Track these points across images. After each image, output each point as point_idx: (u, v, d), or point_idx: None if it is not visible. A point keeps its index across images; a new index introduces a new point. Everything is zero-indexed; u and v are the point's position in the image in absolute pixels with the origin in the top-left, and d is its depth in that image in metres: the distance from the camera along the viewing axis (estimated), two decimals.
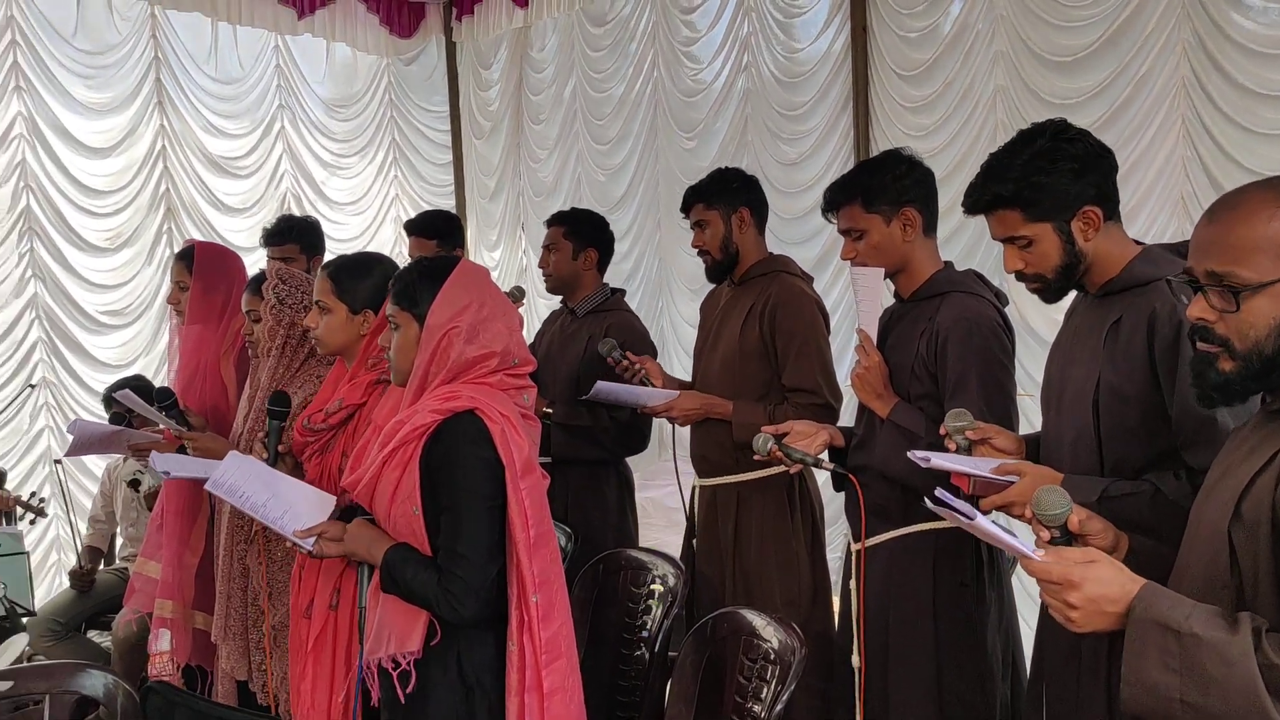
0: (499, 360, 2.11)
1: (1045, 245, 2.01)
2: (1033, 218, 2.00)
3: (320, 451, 2.59)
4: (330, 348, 2.63)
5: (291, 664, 2.57)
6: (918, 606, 2.52)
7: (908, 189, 2.53)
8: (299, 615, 2.47)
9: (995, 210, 2.03)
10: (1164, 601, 1.39)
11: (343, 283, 2.56)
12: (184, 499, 3.25)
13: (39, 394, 5.57)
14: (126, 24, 5.79)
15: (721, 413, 3.19)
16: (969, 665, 2.50)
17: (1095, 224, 1.99)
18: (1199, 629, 1.34)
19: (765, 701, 2.36)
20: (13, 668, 2.37)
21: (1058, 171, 1.97)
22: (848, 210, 2.57)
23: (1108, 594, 1.42)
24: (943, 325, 2.45)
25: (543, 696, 2.03)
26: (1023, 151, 2.01)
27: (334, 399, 2.56)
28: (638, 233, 5.96)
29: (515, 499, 2.02)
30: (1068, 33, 4.29)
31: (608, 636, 3.10)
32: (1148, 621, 1.38)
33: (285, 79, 6.44)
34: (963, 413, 2.11)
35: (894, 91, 4.86)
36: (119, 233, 5.81)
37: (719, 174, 3.34)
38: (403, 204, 6.91)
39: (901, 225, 2.53)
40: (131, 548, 4.37)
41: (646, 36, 5.83)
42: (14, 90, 5.46)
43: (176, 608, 3.24)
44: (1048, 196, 1.98)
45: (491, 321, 2.11)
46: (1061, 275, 2.04)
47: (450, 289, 2.10)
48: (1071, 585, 1.43)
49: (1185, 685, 1.33)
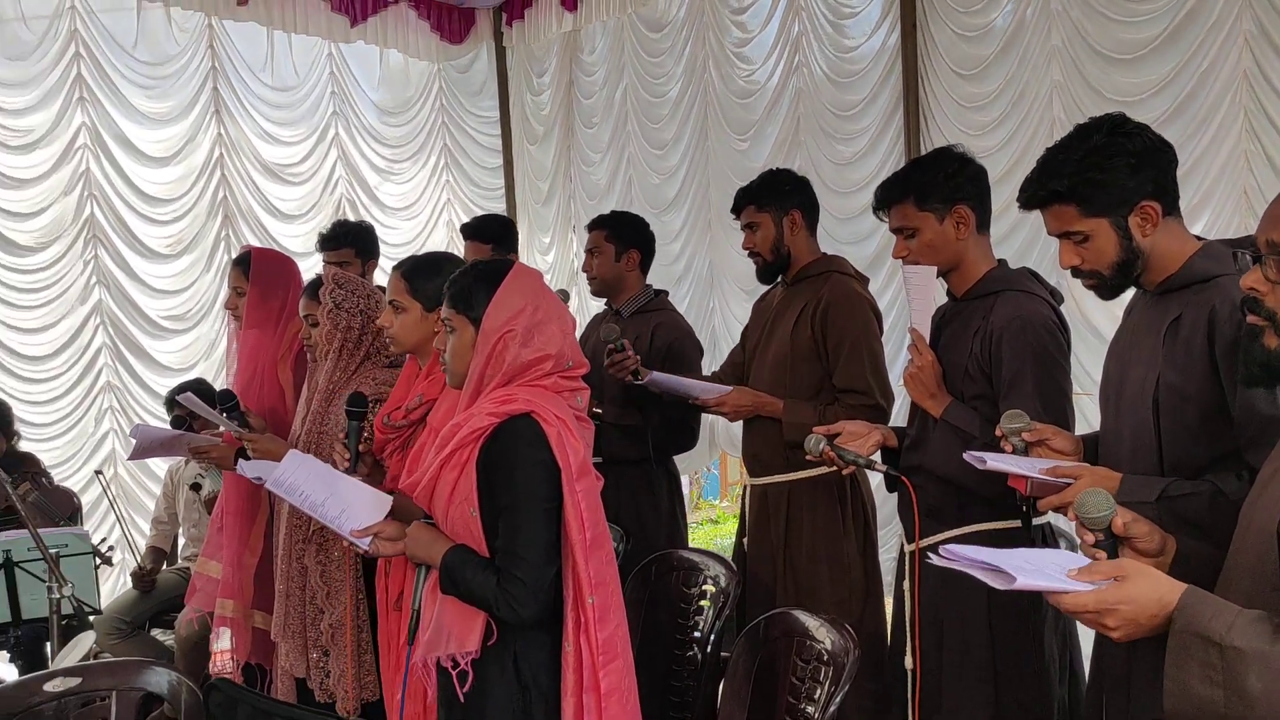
0: (554, 363, 2.12)
1: (1101, 241, 1.98)
2: (1088, 213, 1.96)
3: (401, 448, 2.63)
4: (405, 346, 2.66)
5: (383, 659, 2.61)
6: (973, 608, 2.49)
7: (960, 186, 2.51)
8: (387, 609, 2.51)
9: (1051, 205, 2.00)
10: (1206, 611, 1.36)
11: (416, 282, 2.59)
12: (243, 501, 3.30)
13: (103, 398, 5.69)
14: (185, 35, 5.89)
15: (772, 411, 3.18)
16: (1027, 668, 2.47)
17: (1154, 219, 1.95)
18: (1240, 641, 1.30)
19: (819, 702, 2.35)
20: (81, 664, 2.43)
21: (1114, 167, 1.94)
22: (899, 208, 2.55)
23: (1145, 610, 1.39)
24: (997, 324, 2.42)
25: (600, 697, 2.04)
26: (1079, 146, 1.97)
27: (412, 395, 2.59)
28: (689, 234, 5.95)
29: (571, 501, 2.03)
30: (1127, 27, 4.22)
31: (660, 637, 3.10)
32: (1189, 634, 1.35)
33: (339, 86, 6.52)
34: (1019, 414, 2.08)
35: (948, 89, 4.82)
36: (179, 239, 5.91)
37: (770, 175, 3.33)
38: (454, 208, 6.96)
39: (954, 223, 2.50)
40: (193, 548, 4.45)
41: (697, 38, 5.83)
42: (78, 102, 5.58)
43: (237, 607, 3.30)
44: (1104, 192, 1.94)
45: (546, 324, 2.13)
46: (1118, 272, 2.00)
47: (505, 292, 2.12)
48: (1108, 611, 1.40)
49: (1229, 699, 1.30)
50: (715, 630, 2.94)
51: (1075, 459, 2.06)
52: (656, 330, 3.62)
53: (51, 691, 2.21)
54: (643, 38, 6.13)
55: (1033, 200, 2.04)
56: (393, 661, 2.53)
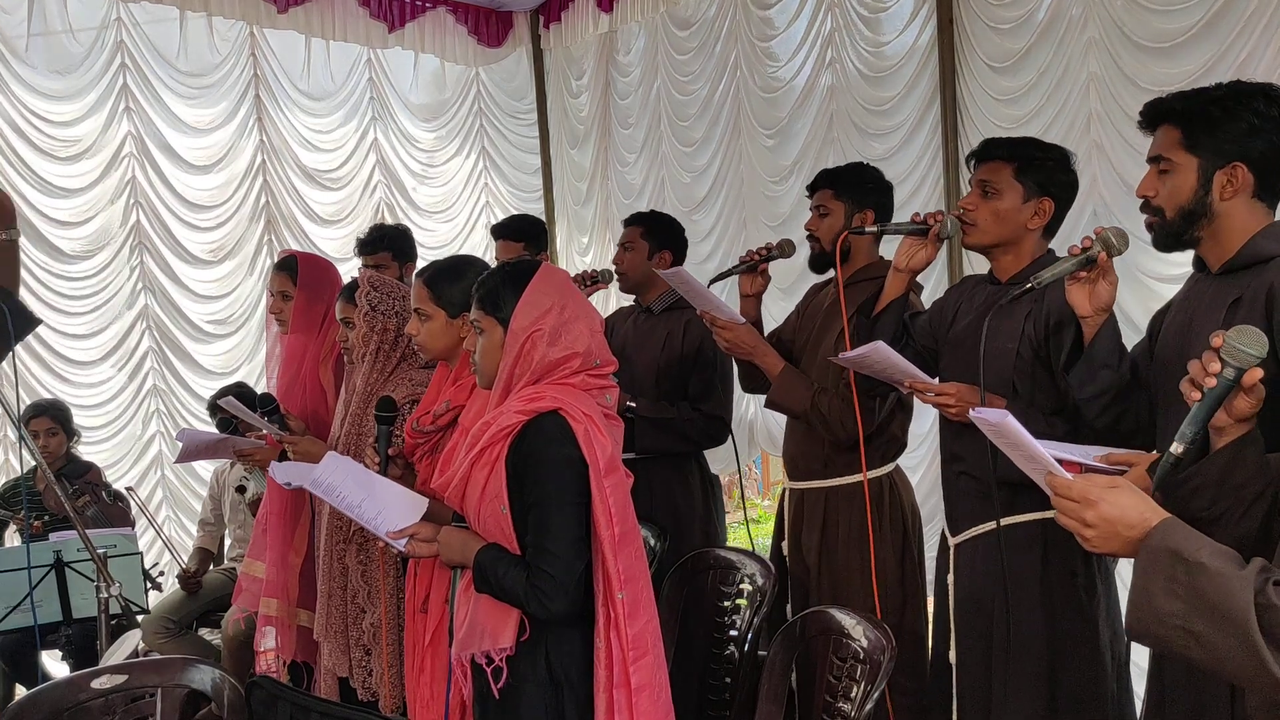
0: (581, 361, 2.14)
1: (1181, 179, 1.96)
2: (1188, 145, 1.95)
3: (430, 452, 2.65)
4: (433, 353, 2.67)
5: (408, 660, 2.64)
6: (1027, 599, 2.45)
7: (1056, 180, 2.53)
8: (414, 612, 2.54)
9: (1163, 124, 1.99)
10: (1180, 533, 1.35)
11: (439, 289, 2.60)
12: (286, 502, 3.35)
13: (150, 401, 5.80)
14: (226, 44, 5.98)
15: (767, 364, 3.12)
16: (1084, 659, 2.43)
17: (1239, 186, 1.93)
18: (1207, 559, 1.30)
19: (855, 701, 2.35)
20: (127, 662, 2.48)
21: (1237, 115, 1.92)
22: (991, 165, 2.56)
23: (1125, 518, 1.39)
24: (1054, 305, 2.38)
25: (631, 692, 2.06)
26: (1225, 88, 1.96)
27: (440, 401, 2.61)
28: (720, 232, 5.93)
29: (599, 497, 2.04)
30: (1165, 16, 4.15)
31: (697, 635, 3.11)
32: (1160, 549, 1.34)
33: (377, 91, 6.58)
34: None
35: (984, 83, 4.77)
36: (222, 245, 6.00)
37: (858, 168, 3.25)
38: (493, 210, 7.00)
39: (1032, 213, 2.51)
40: (239, 549, 4.53)
41: (729, 36, 5.82)
42: (124, 111, 5.69)
43: (281, 606, 3.35)
44: (1212, 131, 1.93)
45: (574, 323, 2.14)
46: (1181, 218, 1.98)
47: (533, 293, 2.14)
48: (1089, 503, 1.41)
49: (1188, 612, 1.29)
50: (753, 629, 2.95)
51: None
52: (688, 327, 3.62)
53: (99, 688, 2.27)
54: (676, 37, 6.13)
55: (1152, 112, 2.03)
56: (417, 663, 2.55)
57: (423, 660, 2.50)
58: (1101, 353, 2.12)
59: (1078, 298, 2.13)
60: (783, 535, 3.31)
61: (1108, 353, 2.12)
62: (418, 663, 2.54)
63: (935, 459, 4.99)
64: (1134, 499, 1.41)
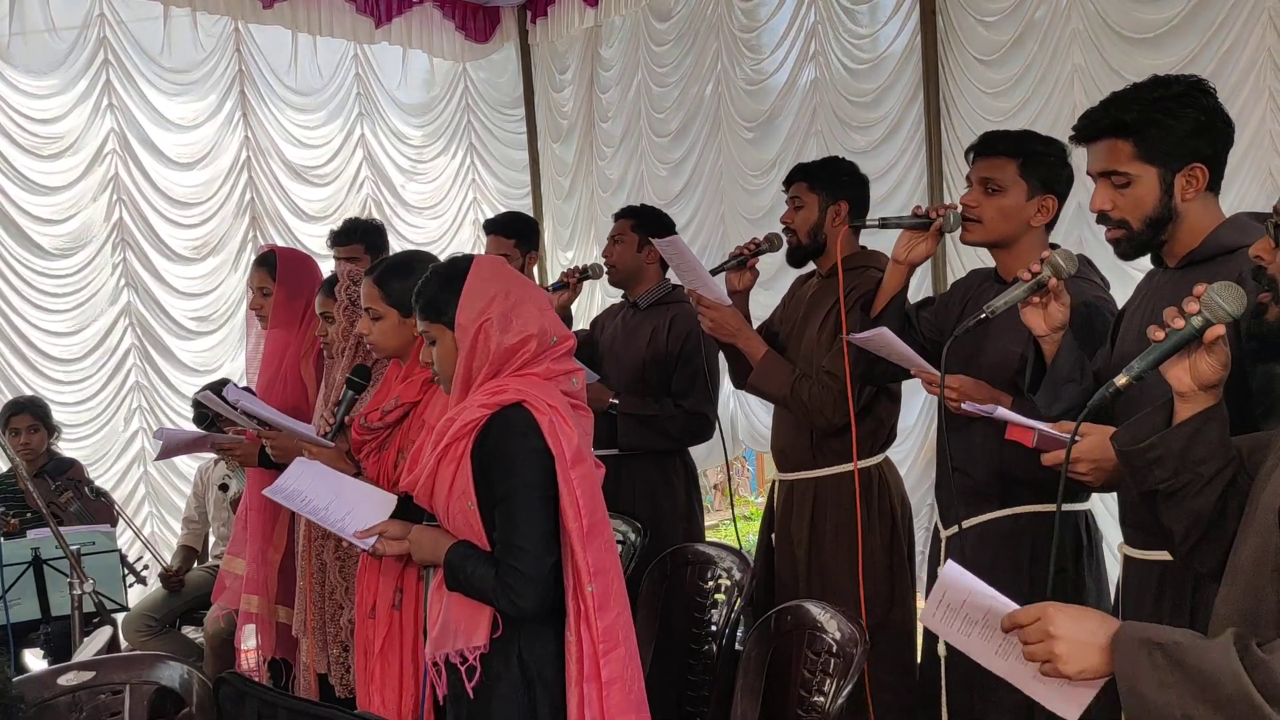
0: (538, 342, 2.11)
1: (1143, 190, 1.94)
2: (1143, 156, 1.93)
3: (377, 450, 2.62)
4: (386, 352, 2.65)
5: (358, 667, 2.60)
6: (1014, 593, 2.44)
7: (1059, 177, 2.51)
8: (364, 617, 2.51)
9: (1107, 138, 1.96)
10: (1146, 625, 1.35)
11: (389, 287, 2.57)
12: (265, 497, 3.33)
13: (133, 398, 5.77)
14: (211, 40, 5.95)
15: (749, 348, 3.12)
16: None
17: (1198, 185, 1.92)
18: (1181, 638, 1.29)
19: (828, 694, 2.34)
20: (95, 659, 2.46)
21: (1184, 118, 1.90)
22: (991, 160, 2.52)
23: (1085, 624, 1.38)
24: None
25: (601, 686, 2.03)
26: (1156, 88, 1.94)
27: (390, 397, 2.59)
28: (698, 227, 5.90)
29: (566, 489, 2.02)
30: (1148, 7, 4.14)
31: (677, 631, 3.09)
32: (1133, 640, 1.33)
33: (364, 87, 6.56)
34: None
35: (968, 76, 4.76)
36: (205, 242, 5.97)
37: (833, 161, 3.25)
38: (480, 206, 6.99)
39: (1038, 207, 2.50)
40: (223, 547, 4.51)
41: (711, 29, 5.80)
42: (107, 108, 5.66)
43: (261, 603, 3.34)
44: (1166, 138, 1.91)
45: (521, 306, 2.11)
46: (1149, 227, 1.96)
47: (472, 287, 2.11)
48: (1050, 637, 1.38)
49: (1183, 699, 1.27)
50: (730, 623, 2.93)
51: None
52: (674, 321, 3.62)
53: (66, 685, 2.25)
54: (656, 30, 6.11)
55: (1093, 128, 1.99)
56: (369, 670, 2.50)
57: (373, 668, 2.46)
58: (1064, 368, 2.12)
59: (1033, 320, 2.13)
60: (771, 527, 3.30)
61: (1070, 367, 2.12)
62: (366, 671, 2.50)
63: (923, 451, 5.02)
64: (1080, 610, 1.40)
